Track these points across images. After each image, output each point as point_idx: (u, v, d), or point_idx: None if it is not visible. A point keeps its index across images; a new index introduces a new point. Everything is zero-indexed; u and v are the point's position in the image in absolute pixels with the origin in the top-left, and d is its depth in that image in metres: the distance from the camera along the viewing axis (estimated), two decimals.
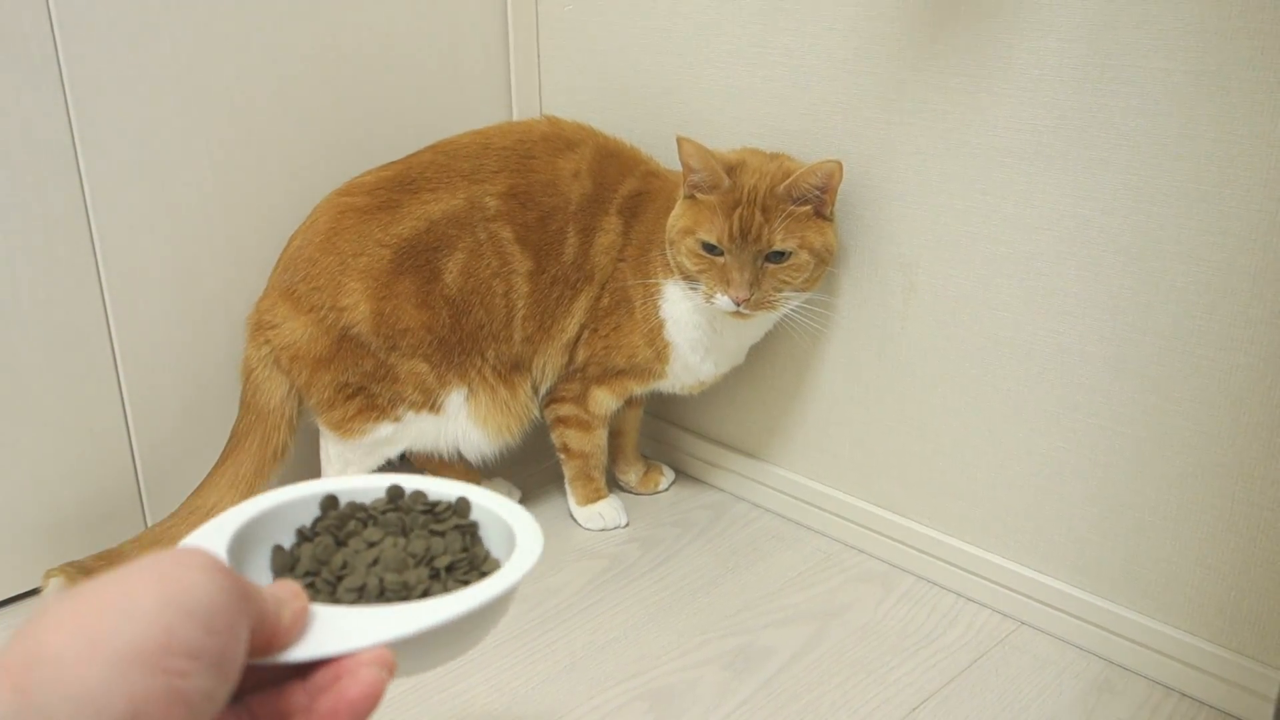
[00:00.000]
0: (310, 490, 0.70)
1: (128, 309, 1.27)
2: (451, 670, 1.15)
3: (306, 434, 1.35)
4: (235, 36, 1.27)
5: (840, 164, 1.17)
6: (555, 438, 1.42)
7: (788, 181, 1.17)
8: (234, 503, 1.29)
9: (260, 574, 0.66)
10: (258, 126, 1.32)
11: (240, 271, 1.35)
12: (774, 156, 1.24)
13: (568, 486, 1.45)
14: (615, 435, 1.48)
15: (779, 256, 1.19)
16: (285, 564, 0.65)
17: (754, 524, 1.45)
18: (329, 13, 1.34)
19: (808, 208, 1.19)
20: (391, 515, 0.68)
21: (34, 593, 1.27)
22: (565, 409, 1.39)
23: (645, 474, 1.53)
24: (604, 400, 1.37)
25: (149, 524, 1.35)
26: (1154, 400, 1.08)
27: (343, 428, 1.30)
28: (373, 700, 0.53)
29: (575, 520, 1.44)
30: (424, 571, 0.64)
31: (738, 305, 1.19)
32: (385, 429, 1.30)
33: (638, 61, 1.44)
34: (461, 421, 1.32)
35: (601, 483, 1.45)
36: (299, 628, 0.55)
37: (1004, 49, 1.09)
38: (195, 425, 1.37)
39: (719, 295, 1.19)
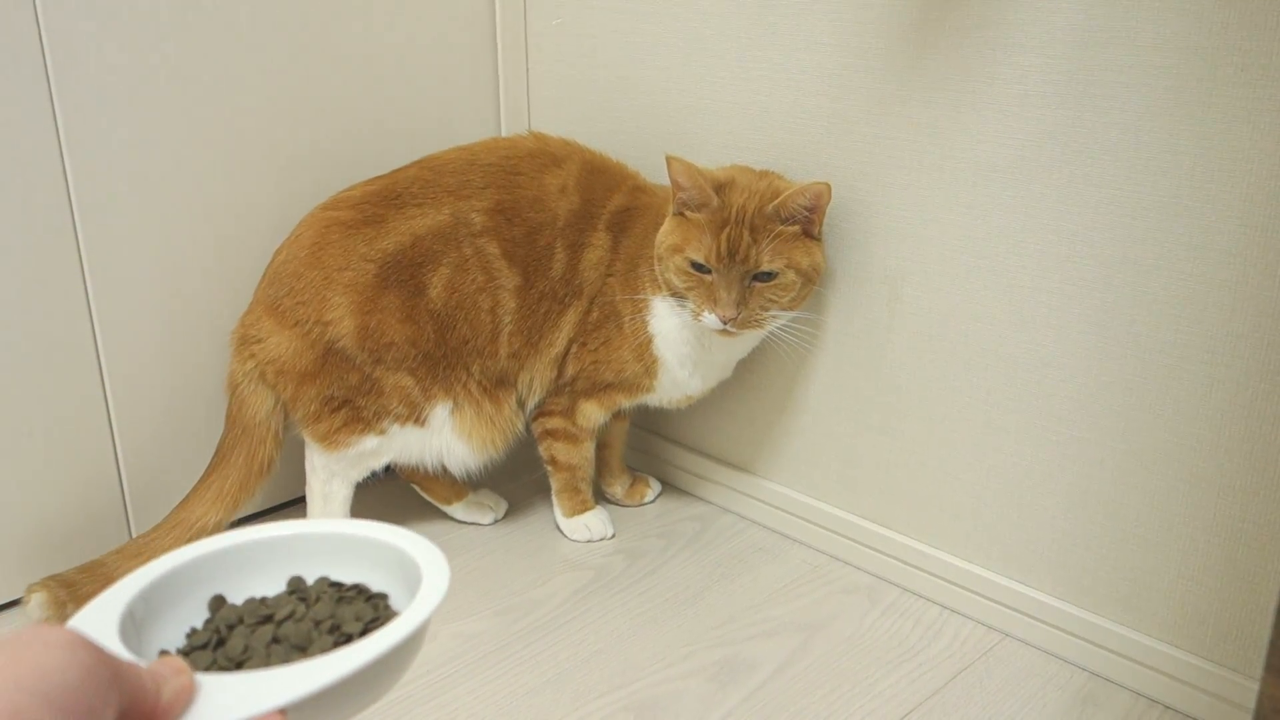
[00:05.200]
0: (218, 545, 0.66)
1: (113, 321, 1.27)
2: (436, 682, 1.15)
3: (292, 445, 1.35)
4: (223, 50, 1.27)
5: (829, 185, 1.17)
6: (543, 450, 1.42)
7: (776, 202, 1.17)
8: (218, 516, 1.29)
9: (171, 635, 0.62)
10: (245, 140, 1.32)
11: (226, 284, 1.35)
12: (763, 175, 1.24)
13: (555, 498, 1.45)
14: (602, 448, 1.48)
15: (766, 276, 1.19)
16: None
17: (740, 536, 1.45)
18: (317, 27, 1.35)
19: (795, 227, 1.19)
20: (288, 625, 0.63)
21: (16, 603, 1.26)
22: (553, 422, 1.39)
23: (632, 486, 1.53)
24: (592, 414, 1.38)
25: (133, 535, 1.34)
26: (1136, 413, 1.09)
27: (328, 440, 1.30)
28: None
29: (562, 532, 1.44)
30: (329, 640, 0.61)
31: (725, 324, 1.19)
32: (370, 441, 1.30)
33: (626, 76, 1.44)
34: (446, 435, 1.32)
35: (588, 495, 1.45)
36: (181, 704, 0.52)
37: (988, 65, 1.10)
38: (180, 437, 1.36)
39: (706, 313, 1.20)
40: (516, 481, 1.57)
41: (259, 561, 0.68)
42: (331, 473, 1.33)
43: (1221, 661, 1.09)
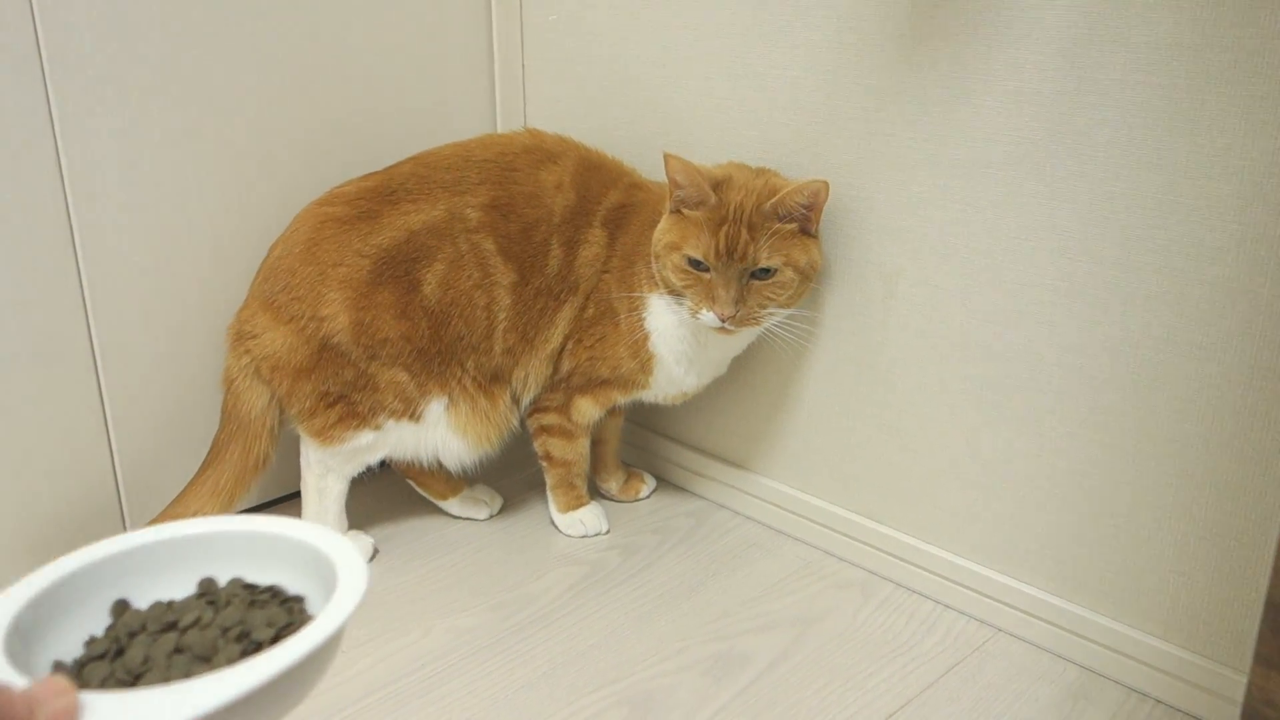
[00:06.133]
0: (124, 545, 0.62)
1: (108, 315, 1.27)
2: (430, 676, 1.15)
3: (287, 439, 1.35)
4: (219, 44, 1.27)
5: (826, 183, 1.18)
6: (538, 446, 1.43)
7: (774, 200, 1.18)
8: (214, 511, 1.29)
9: (69, 644, 0.58)
10: (240, 134, 1.32)
11: (221, 280, 1.35)
12: (760, 172, 1.24)
13: (550, 494, 1.45)
14: (597, 443, 1.49)
15: (764, 274, 1.19)
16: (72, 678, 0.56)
17: (734, 531, 1.45)
18: (311, 24, 1.35)
19: (793, 225, 1.20)
20: (193, 634, 0.59)
21: None
22: (549, 418, 1.39)
23: (626, 481, 1.53)
24: (587, 410, 1.38)
25: (128, 530, 1.34)
26: (1129, 409, 1.09)
27: (323, 435, 1.30)
28: None
29: (556, 527, 1.45)
30: (236, 650, 0.57)
31: (723, 322, 1.19)
32: (366, 437, 1.30)
33: (621, 73, 1.44)
34: (441, 430, 1.32)
35: (583, 490, 1.45)
36: None
37: (982, 63, 1.10)
38: (175, 432, 1.36)
39: (704, 311, 1.20)
40: (511, 477, 1.57)
41: (169, 562, 0.64)
42: (327, 468, 1.33)
43: (1212, 656, 1.10)
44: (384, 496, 1.51)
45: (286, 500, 1.50)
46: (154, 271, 1.30)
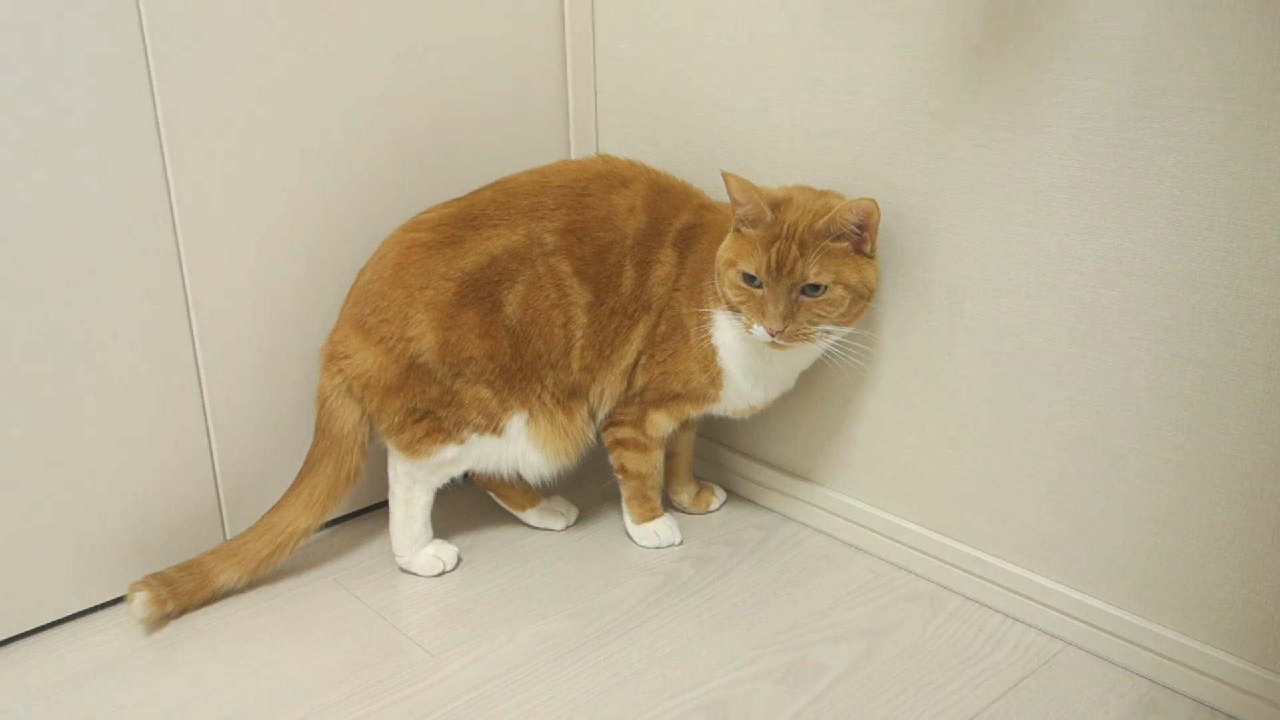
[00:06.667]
0: None
1: (212, 335, 1.35)
2: (516, 680, 1.21)
3: (375, 452, 1.42)
4: (315, 83, 1.35)
5: (875, 202, 1.21)
6: (613, 459, 1.48)
7: (826, 218, 1.21)
8: (308, 522, 1.37)
9: None
10: (332, 165, 1.40)
11: (316, 303, 1.42)
12: (821, 194, 1.28)
13: (624, 505, 1.50)
14: (669, 456, 1.53)
15: (814, 290, 1.23)
16: None
17: (803, 544, 1.49)
18: (399, 59, 1.42)
19: (845, 244, 1.23)
20: None
21: (116, 601, 1.35)
22: (623, 432, 1.44)
23: (698, 494, 1.58)
24: (661, 423, 1.43)
25: (227, 538, 1.42)
26: (1195, 426, 1.11)
27: (411, 449, 1.36)
28: None
29: (631, 538, 1.50)
30: None
31: (772, 336, 1.23)
32: (451, 450, 1.36)
33: (691, 99, 1.49)
34: (522, 444, 1.38)
35: (657, 502, 1.50)
36: None
37: (1048, 89, 1.13)
38: (273, 446, 1.44)
39: (756, 325, 1.24)
40: (586, 489, 1.62)
41: None
42: (413, 480, 1.40)
43: None
44: (465, 508, 1.57)
45: (374, 510, 1.56)
46: (254, 295, 1.37)
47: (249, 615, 1.34)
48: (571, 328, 1.36)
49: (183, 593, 1.32)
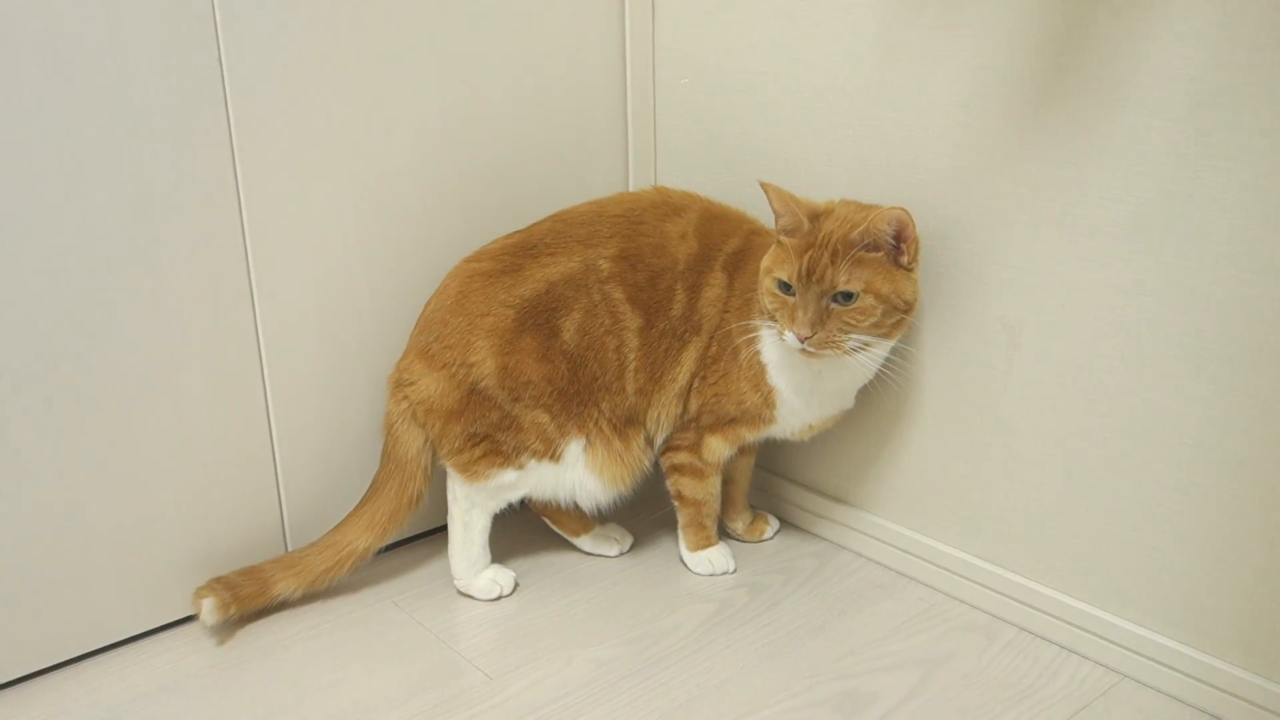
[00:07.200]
0: None
1: (280, 360, 1.39)
2: (574, 704, 1.22)
3: (437, 478, 1.44)
4: (382, 122, 1.39)
5: (907, 211, 1.21)
6: (670, 485, 1.49)
7: (861, 228, 1.22)
8: (368, 542, 1.39)
9: None
10: (400, 201, 1.44)
11: (380, 331, 1.46)
12: (864, 208, 1.28)
13: (680, 532, 1.52)
14: (727, 482, 1.55)
15: (845, 298, 1.23)
16: None
17: (857, 573, 1.50)
18: (463, 102, 1.46)
19: (880, 255, 1.23)
20: None
21: (179, 623, 1.38)
22: (680, 457, 1.46)
23: (752, 522, 1.59)
24: (718, 448, 1.44)
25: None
26: (1255, 460, 1.11)
27: (469, 471, 1.39)
28: None
29: (685, 565, 1.51)
30: None
31: (802, 343, 1.24)
32: (509, 475, 1.39)
33: (750, 133, 1.52)
34: (579, 470, 1.40)
35: (713, 530, 1.51)
36: None
37: (1107, 125, 1.14)
38: (336, 472, 1.48)
39: (787, 332, 1.25)
40: (640, 516, 1.64)
41: None
42: (472, 503, 1.42)
43: None
44: (521, 533, 1.60)
45: (433, 534, 1.59)
46: (320, 323, 1.41)
47: (311, 636, 1.36)
48: (624, 351, 1.38)
49: (243, 596, 1.36)
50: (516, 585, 1.47)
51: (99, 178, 1.19)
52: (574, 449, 1.39)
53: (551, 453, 1.39)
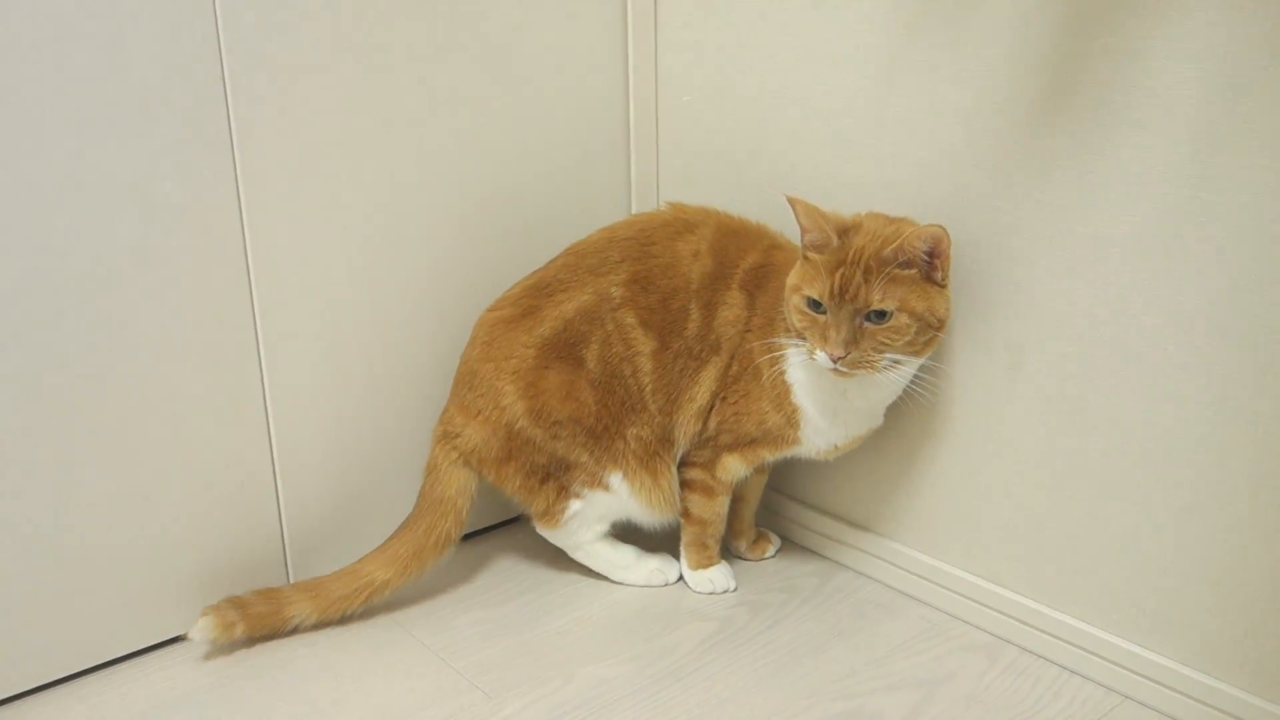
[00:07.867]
0: None
1: (281, 378, 1.39)
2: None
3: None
4: (386, 141, 1.39)
5: (945, 229, 1.20)
6: (679, 501, 1.48)
7: (895, 244, 1.20)
8: (387, 575, 1.40)
9: None
10: (400, 222, 1.44)
11: (382, 349, 1.46)
12: (893, 221, 1.26)
13: (683, 549, 1.51)
14: (736, 501, 1.53)
15: (879, 317, 1.21)
16: None
17: (859, 592, 1.49)
18: (466, 114, 1.46)
19: (913, 271, 1.21)
20: None
21: (178, 639, 1.38)
22: (693, 473, 1.45)
23: (755, 541, 1.59)
24: (734, 467, 1.43)
25: (290, 580, 1.45)
26: (1256, 481, 1.11)
27: (547, 518, 1.45)
28: None
29: (686, 583, 1.51)
30: None
31: (834, 363, 1.21)
32: (574, 505, 1.43)
33: (753, 153, 1.52)
34: (626, 498, 1.43)
35: (715, 550, 1.51)
36: None
37: (1108, 145, 1.15)
38: (336, 487, 1.48)
39: (818, 351, 1.23)
40: (642, 533, 1.63)
41: None
42: (576, 543, 1.49)
43: None
44: (525, 549, 1.59)
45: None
46: (326, 361, 1.42)
47: (310, 655, 1.36)
48: (640, 376, 1.39)
49: (253, 615, 1.34)
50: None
51: (107, 202, 1.20)
52: (616, 479, 1.42)
53: (601, 484, 1.42)
